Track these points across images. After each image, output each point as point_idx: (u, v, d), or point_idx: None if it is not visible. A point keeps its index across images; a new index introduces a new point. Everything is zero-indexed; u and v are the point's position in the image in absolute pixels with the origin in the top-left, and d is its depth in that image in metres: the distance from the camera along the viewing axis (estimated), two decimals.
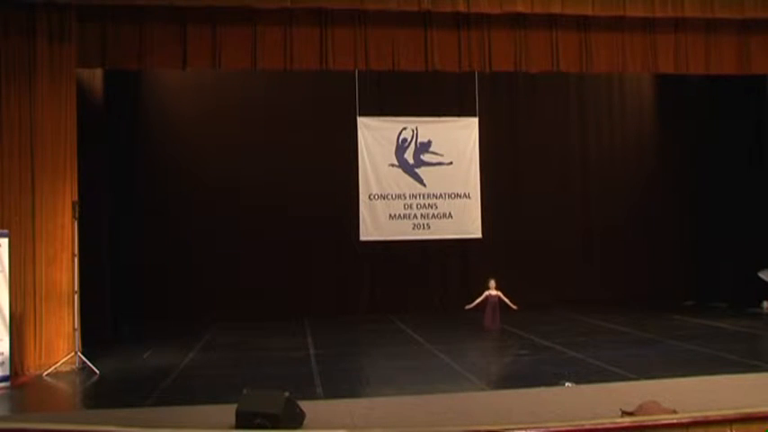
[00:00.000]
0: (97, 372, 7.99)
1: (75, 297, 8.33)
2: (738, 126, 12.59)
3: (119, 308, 11.03)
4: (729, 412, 5.21)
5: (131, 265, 11.86)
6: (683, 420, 5.08)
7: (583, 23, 9.63)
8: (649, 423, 5.07)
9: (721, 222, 13.16)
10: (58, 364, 8.12)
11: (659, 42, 9.90)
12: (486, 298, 10.76)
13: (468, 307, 10.77)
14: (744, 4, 9.44)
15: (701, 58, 9.96)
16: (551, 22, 9.57)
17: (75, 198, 8.52)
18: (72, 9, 8.61)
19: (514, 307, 10.67)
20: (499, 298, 10.75)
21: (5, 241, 7.72)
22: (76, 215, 8.39)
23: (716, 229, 13.31)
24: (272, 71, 10.82)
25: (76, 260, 8.38)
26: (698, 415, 5.18)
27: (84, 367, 8.15)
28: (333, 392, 6.89)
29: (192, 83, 12.61)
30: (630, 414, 5.36)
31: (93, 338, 8.91)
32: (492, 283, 10.87)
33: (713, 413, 5.22)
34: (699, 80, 12.66)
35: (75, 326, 8.31)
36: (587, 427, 5.08)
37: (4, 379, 7.50)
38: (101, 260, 10.21)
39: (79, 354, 8.25)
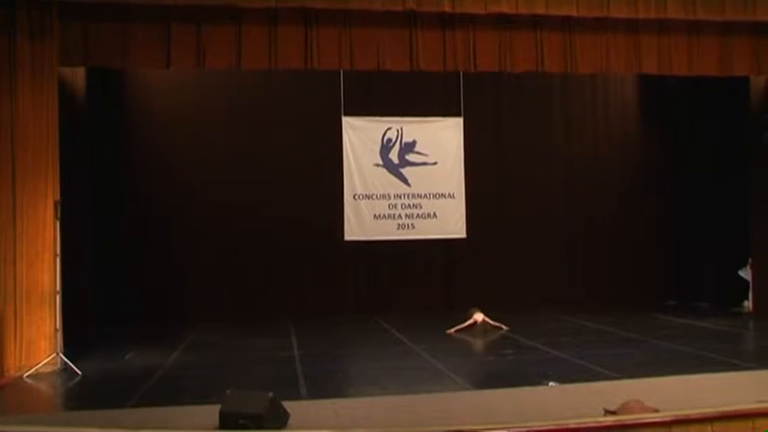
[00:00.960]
0: (79, 373, 7.90)
1: (57, 297, 8.25)
2: (721, 127, 12.69)
3: (102, 308, 10.95)
4: (710, 411, 5.25)
5: (115, 265, 11.78)
6: (666, 419, 5.11)
7: (567, 24, 9.66)
8: (632, 422, 5.10)
9: (703, 222, 13.27)
10: (39, 365, 8.02)
11: (643, 43, 9.95)
12: (474, 323, 10.67)
13: (450, 331, 10.56)
14: (725, 6, 9.51)
15: (684, 59, 10.03)
16: (536, 22, 9.59)
17: (58, 198, 8.42)
18: (53, 6, 8.51)
19: (505, 328, 10.62)
20: (484, 321, 10.71)
21: None
22: (58, 215, 8.29)
23: (698, 228, 13.43)
24: (257, 71, 10.79)
25: (58, 260, 8.30)
26: (680, 413, 5.22)
27: (65, 368, 8.07)
28: (317, 393, 6.88)
29: (177, 82, 12.52)
30: (613, 413, 5.39)
31: (75, 339, 8.83)
32: (474, 310, 10.78)
33: (694, 412, 5.26)
34: (682, 81, 12.73)
35: (57, 326, 8.22)
36: (571, 426, 5.10)
37: None
38: (84, 260, 10.13)
39: (61, 355, 8.17)
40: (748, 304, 12.16)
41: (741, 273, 12.21)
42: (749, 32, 10.07)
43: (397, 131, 12.31)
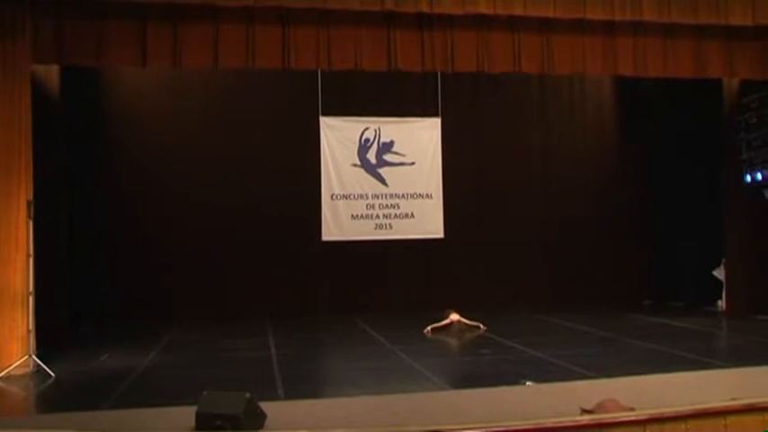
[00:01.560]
0: (52, 375, 7.78)
1: (30, 299, 8.13)
2: (696, 127, 12.84)
3: (77, 309, 10.82)
4: (684, 409, 5.30)
5: (91, 265, 11.66)
6: (641, 417, 5.15)
7: (544, 25, 9.71)
8: (608, 421, 5.13)
9: (679, 222, 13.43)
10: (11, 367, 7.89)
11: (619, 45, 10.03)
12: (450, 323, 10.71)
13: (426, 330, 10.59)
14: (698, 10, 9.62)
15: (659, 60, 10.12)
16: (513, 23, 9.62)
17: (30, 197, 8.30)
18: (26, 2, 8.39)
19: (482, 327, 10.62)
20: (460, 321, 10.74)
21: None
22: (31, 215, 8.17)
23: (674, 229, 13.58)
24: (234, 70, 10.72)
25: (31, 261, 8.18)
26: (655, 412, 5.27)
27: (38, 370, 7.94)
28: (294, 393, 6.85)
29: (153, 81, 12.40)
30: (590, 412, 5.42)
31: (49, 341, 8.71)
32: (450, 311, 10.86)
33: (669, 410, 5.31)
34: (658, 81, 12.85)
35: (30, 328, 8.10)
36: (548, 425, 5.12)
37: None
38: (59, 260, 10.00)
39: (33, 357, 8.04)
40: (722, 303, 12.32)
41: (715, 273, 12.37)
42: (722, 36, 10.20)
43: (375, 131, 12.31)
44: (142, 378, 7.83)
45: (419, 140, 12.42)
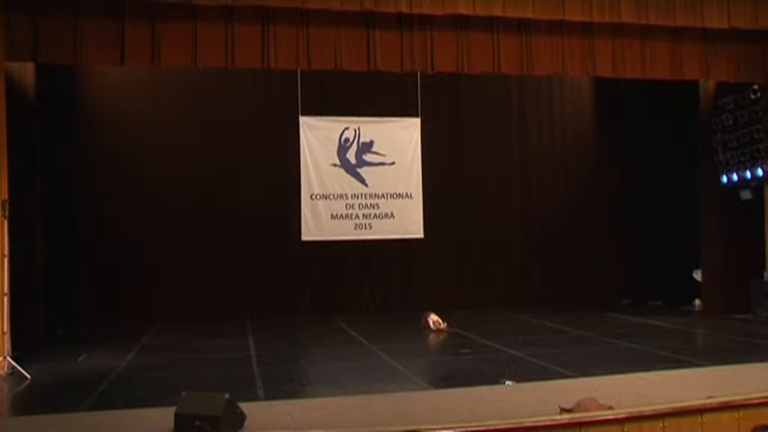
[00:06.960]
0: (28, 377, 7.68)
1: (5, 299, 8.02)
2: (673, 128, 12.98)
3: (53, 309, 10.69)
4: (662, 407, 5.36)
5: (67, 266, 11.54)
6: (619, 416, 5.20)
7: (524, 26, 9.76)
8: (587, 419, 5.17)
9: (656, 223, 13.56)
10: None
11: (597, 46, 10.10)
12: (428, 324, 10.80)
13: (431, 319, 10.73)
14: (675, 12, 9.73)
15: (638, 62, 10.21)
16: (492, 24, 9.66)
17: (5, 197, 8.20)
18: None
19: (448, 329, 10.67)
20: (438, 322, 10.79)
21: None
22: (6, 214, 8.07)
23: (651, 229, 13.71)
24: (214, 69, 10.66)
25: (6, 261, 8.07)
26: (633, 411, 5.32)
27: (13, 372, 7.83)
28: (274, 393, 6.82)
29: (131, 79, 12.30)
30: (569, 411, 5.46)
31: (25, 342, 8.60)
32: (428, 314, 10.92)
33: (647, 408, 5.37)
34: (636, 83, 12.97)
35: (5, 329, 7.99)
36: (527, 424, 5.15)
37: None
38: (34, 260, 9.85)
39: (8, 358, 7.94)
40: (699, 303, 12.45)
41: (695, 275, 12.48)
42: (699, 38, 10.31)
43: (355, 131, 12.29)
44: (120, 379, 7.75)
45: (399, 140, 12.42)
